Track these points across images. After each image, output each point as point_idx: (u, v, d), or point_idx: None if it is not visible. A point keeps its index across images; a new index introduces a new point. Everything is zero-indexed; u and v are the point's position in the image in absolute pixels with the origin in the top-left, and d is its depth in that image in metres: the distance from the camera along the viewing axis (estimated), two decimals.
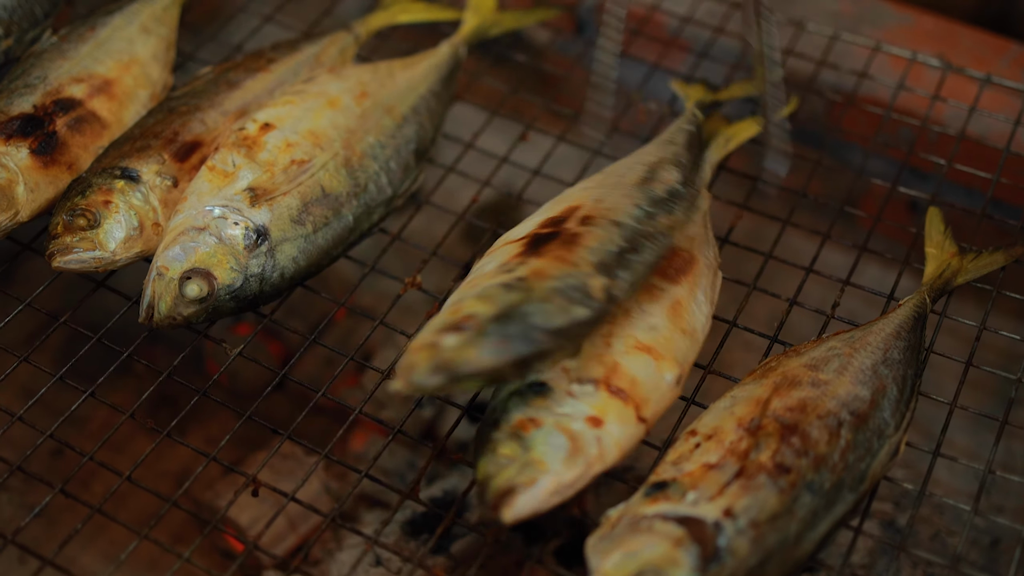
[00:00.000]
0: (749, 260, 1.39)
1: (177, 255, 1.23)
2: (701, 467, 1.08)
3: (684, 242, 1.26)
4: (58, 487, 1.16)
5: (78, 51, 1.43)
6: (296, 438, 1.21)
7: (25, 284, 1.65)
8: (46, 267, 1.36)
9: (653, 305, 1.18)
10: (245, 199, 1.26)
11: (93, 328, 1.29)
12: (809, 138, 1.62)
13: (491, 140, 1.54)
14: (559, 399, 1.09)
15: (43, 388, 1.26)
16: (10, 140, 1.31)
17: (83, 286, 1.33)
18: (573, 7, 1.81)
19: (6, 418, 1.22)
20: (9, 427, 1.21)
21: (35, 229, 1.37)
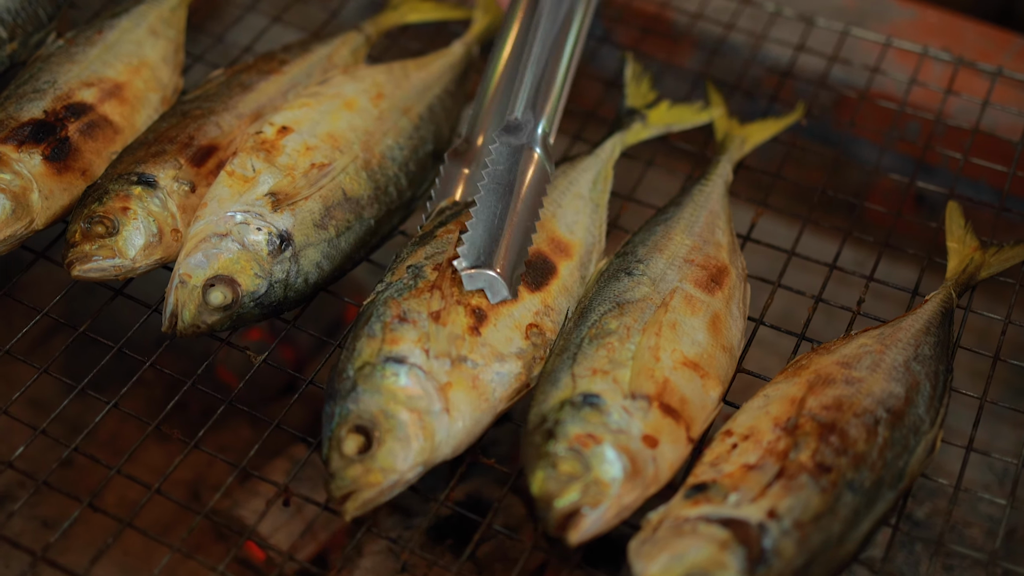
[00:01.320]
0: (753, 254, 1.38)
1: (200, 262, 1.21)
2: (740, 468, 1.07)
3: (713, 249, 1.26)
4: (86, 501, 1.14)
5: (87, 55, 1.41)
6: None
7: (29, 290, 1.62)
8: (52, 273, 1.33)
9: (695, 319, 1.18)
10: (267, 204, 1.24)
11: (100, 334, 1.27)
12: (820, 134, 1.63)
13: None
14: (614, 414, 1.08)
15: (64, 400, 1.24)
16: (22, 147, 1.28)
17: (86, 290, 1.30)
18: None
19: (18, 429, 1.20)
20: (32, 440, 1.18)
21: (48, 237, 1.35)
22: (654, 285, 1.21)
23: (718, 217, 1.31)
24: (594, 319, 1.18)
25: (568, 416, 1.09)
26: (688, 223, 1.29)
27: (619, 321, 1.17)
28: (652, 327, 1.16)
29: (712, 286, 1.22)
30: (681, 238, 1.26)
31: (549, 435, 1.08)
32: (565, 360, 1.15)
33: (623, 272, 1.23)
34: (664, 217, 1.31)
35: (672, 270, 1.22)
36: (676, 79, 1.63)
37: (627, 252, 1.27)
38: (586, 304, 1.21)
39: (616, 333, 1.15)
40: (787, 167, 1.48)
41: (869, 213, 1.53)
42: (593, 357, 1.14)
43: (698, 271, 1.23)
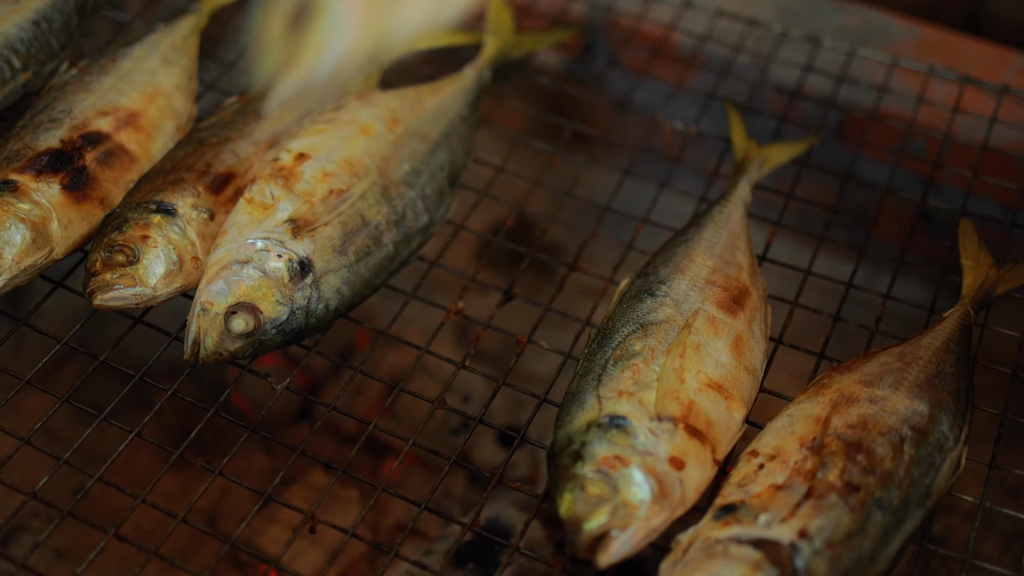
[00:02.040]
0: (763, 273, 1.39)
1: (221, 289, 1.21)
2: (769, 488, 1.07)
3: (734, 271, 1.26)
4: (111, 532, 1.13)
5: (101, 84, 1.41)
6: (351, 472, 1.19)
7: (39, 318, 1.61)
8: (63, 300, 1.33)
9: (718, 340, 1.18)
10: (287, 231, 1.24)
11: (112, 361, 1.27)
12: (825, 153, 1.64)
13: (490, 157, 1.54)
14: (640, 436, 1.08)
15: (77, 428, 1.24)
16: (40, 176, 1.28)
17: (97, 317, 1.29)
18: (582, 27, 1.81)
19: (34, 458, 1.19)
20: (55, 471, 1.18)
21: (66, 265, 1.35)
22: (677, 306, 1.21)
23: (738, 238, 1.32)
24: (618, 340, 1.18)
25: (595, 438, 1.09)
26: (709, 244, 1.29)
27: (643, 343, 1.17)
28: (676, 349, 1.16)
29: (734, 307, 1.23)
30: (703, 259, 1.27)
31: (576, 457, 1.08)
32: (590, 381, 1.15)
33: (646, 293, 1.23)
34: (685, 238, 1.31)
35: (694, 291, 1.23)
36: (685, 102, 1.64)
37: (648, 273, 1.27)
38: (609, 325, 1.22)
39: (641, 355, 1.16)
40: (793, 186, 1.49)
41: (876, 231, 1.55)
42: (618, 379, 1.14)
43: (720, 292, 1.24)
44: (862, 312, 1.40)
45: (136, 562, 1.53)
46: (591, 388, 1.14)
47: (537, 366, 1.80)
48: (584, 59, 1.84)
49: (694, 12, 1.74)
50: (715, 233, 1.31)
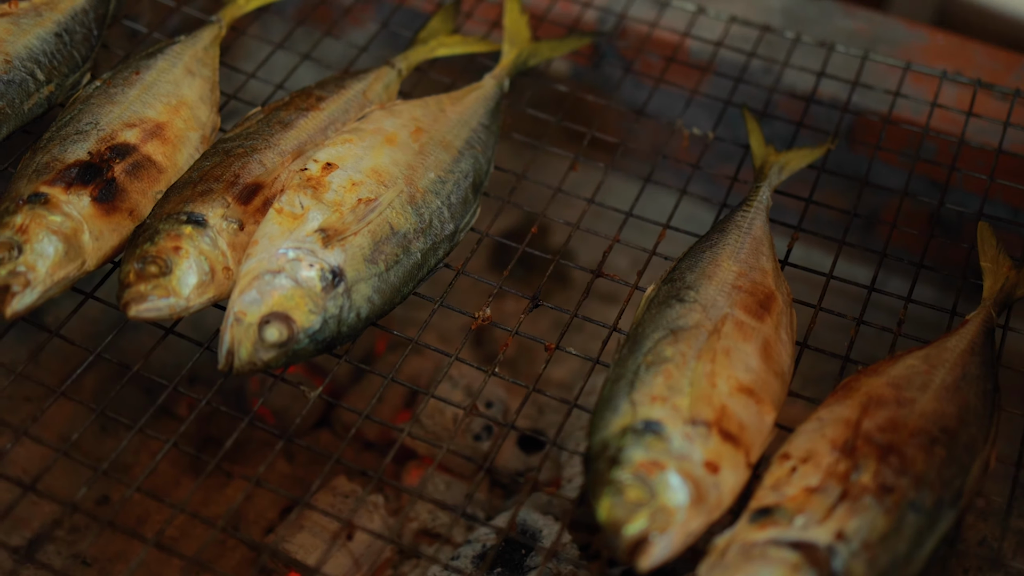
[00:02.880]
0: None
1: (254, 299, 1.22)
2: (803, 491, 1.09)
3: (759, 275, 1.28)
4: (152, 541, 1.14)
5: (126, 96, 1.42)
6: (386, 480, 1.20)
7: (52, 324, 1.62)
8: (83, 310, 1.33)
9: (747, 345, 1.20)
10: (317, 240, 1.25)
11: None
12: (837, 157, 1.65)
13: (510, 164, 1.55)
14: (675, 441, 1.10)
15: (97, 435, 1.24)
16: (71, 188, 1.29)
17: (116, 326, 1.30)
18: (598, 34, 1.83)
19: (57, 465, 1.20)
20: (94, 480, 1.18)
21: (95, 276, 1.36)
22: (705, 312, 1.23)
23: (761, 243, 1.33)
24: (649, 346, 1.20)
25: (631, 443, 1.11)
26: (734, 249, 1.31)
27: (674, 348, 1.19)
28: (707, 354, 1.18)
29: (761, 312, 1.24)
30: (728, 264, 1.29)
31: (613, 462, 1.10)
32: (622, 386, 1.17)
33: (674, 299, 1.25)
34: (709, 244, 1.33)
35: (722, 296, 1.25)
36: (702, 109, 1.66)
37: (675, 279, 1.29)
38: (639, 330, 1.23)
39: (672, 360, 1.17)
40: (804, 190, 1.51)
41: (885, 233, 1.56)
42: (651, 384, 1.16)
43: (747, 297, 1.25)
44: (880, 315, 1.41)
45: (161, 570, 1.54)
46: (624, 393, 1.16)
47: (553, 370, 1.81)
48: (597, 66, 1.85)
49: (706, 19, 1.76)
50: (739, 239, 1.33)
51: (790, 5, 1.91)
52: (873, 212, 1.76)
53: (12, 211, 1.26)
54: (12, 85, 1.42)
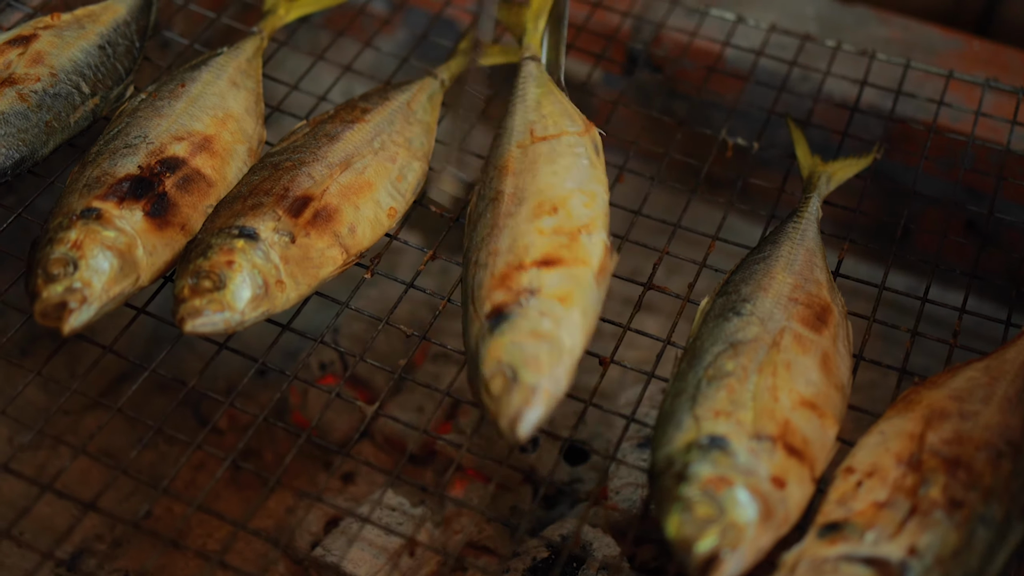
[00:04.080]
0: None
1: None
2: (871, 506, 1.08)
3: (814, 287, 1.28)
4: (216, 558, 1.13)
5: (173, 108, 1.41)
6: (447, 496, 1.20)
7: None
8: (113, 320, 1.32)
9: (807, 358, 1.19)
10: None
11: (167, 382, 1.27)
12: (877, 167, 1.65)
13: None
14: (741, 456, 1.10)
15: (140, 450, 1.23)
16: (123, 203, 1.28)
17: (147, 337, 1.28)
18: (624, 42, 1.82)
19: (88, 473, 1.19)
20: (156, 498, 1.18)
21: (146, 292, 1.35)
22: (763, 325, 1.22)
23: (814, 255, 1.33)
24: (709, 360, 1.19)
25: (697, 458, 1.10)
26: (787, 261, 1.30)
27: (735, 362, 1.18)
28: (768, 367, 1.17)
29: (819, 325, 1.24)
30: (783, 276, 1.28)
31: (680, 478, 1.09)
32: (684, 401, 1.16)
33: (731, 312, 1.24)
34: (762, 255, 1.32)
35: (779, 309, 1.24)
36: (745, 119, 1.66)
37: (730, 291, 1.28)
38: (698, 344, 1.22)
39: (734, 374, 1.17)
40: (844, 199, 1.50)
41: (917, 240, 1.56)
42: (714, 398, 1.15)
43: (804, 310, 1.25)
44: (926, 326, 1.41)
45: None
46: (686, 408, 1.15)
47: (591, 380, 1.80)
48: (629, 74, 1.85)
49: (744, 28, 1.76)
50: (792, 250, 1.32)
51: (825, 13, 1.91)
52: (912, 221, 1.75)
53: (66, 226, 1.25)
54: (59, 98, 1.41)
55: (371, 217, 1.35)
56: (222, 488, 1.69)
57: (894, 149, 1.69)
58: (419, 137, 1.47)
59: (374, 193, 1.37)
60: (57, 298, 1.20)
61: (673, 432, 1.14)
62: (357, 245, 1.33)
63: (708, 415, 1.14)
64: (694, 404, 1.15)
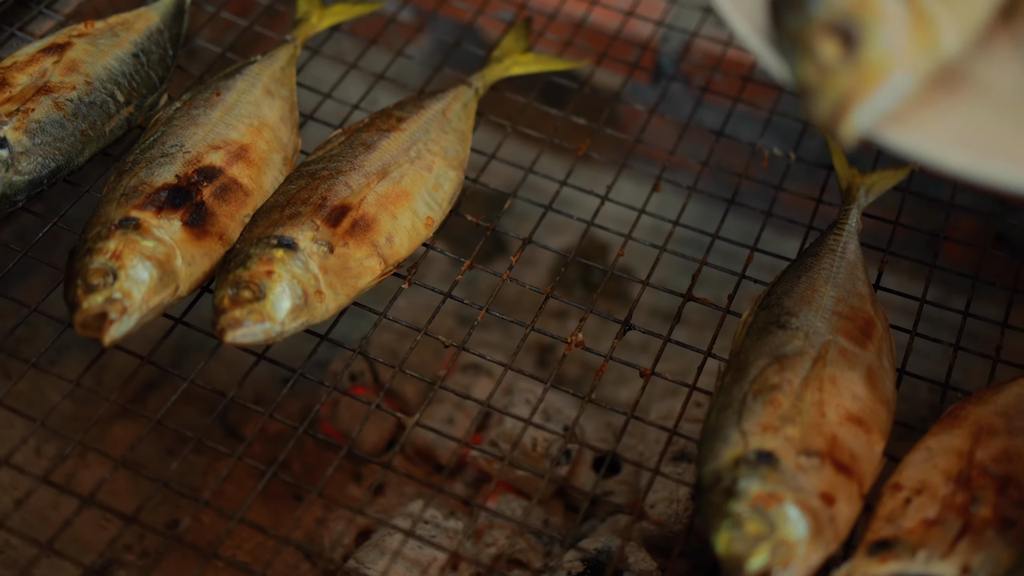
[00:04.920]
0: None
1: None
2: (921, 523, 1.07)
3: (857, 300, 1.27)
4: (260, 573, 1.12)
5: (209, 117, 1.40)
6: (491, 512, 1.19)
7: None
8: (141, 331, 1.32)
9: (852, 372, 1.18)
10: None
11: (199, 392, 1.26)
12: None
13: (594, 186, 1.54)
14: (790, 472, 1.09)
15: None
16: (161, 213, 1.27)
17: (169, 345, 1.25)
18: (653, 52, 1.81)
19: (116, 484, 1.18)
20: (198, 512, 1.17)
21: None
22: (807, 338, 1.21)
23: (856, 267, 1.32)
24: (754, 374, 1.18)
25: (745, 474, 1.09)
26: (829, 274, 1.29)
27: (781, 376, 1.17)
28: (814, 382, 1.16)
29: (863, 338, 1.23)
30: (825, 289, 1.27)
31: (728, 494, 1.08)
32: (730, 415, 1.15)
33: (774, 325, 1.23)
34: (803, 268, 1.31)
35: (822, 323, 1.23)
36: (781, 130, 1.65)
37: (773, 304, 1.27)
38: (742, 358, 1.21)
39: (780, 388, 1.16)
40: (899, 213, 1.49)
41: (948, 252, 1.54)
42: (760, 413, 1.14)
43: (847, 323, 1.24)
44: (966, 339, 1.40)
45: None
46: (732, 423, 1.14)
47: (619, 390, 1.80)
48: (656, 83, 1.84)
49: None
50: (834, 263, 1.31)
51: None
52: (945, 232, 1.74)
53: (105, 236, 1.24)
54: (94, 107, 1.40)
55: (408, 226, 1.34)
56: (248, 496, 1.68)
57: None
58: (455, 146, 1.46)
59: (411, 202, 1.36)
60: (97, 308, 1.19)
61: (720, 447, 1.13)
62: (395, 255, 1.32)
63: (755, 430, 1.12)
64: (740, 418, 1.14)
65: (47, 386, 1.73)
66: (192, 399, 1.80)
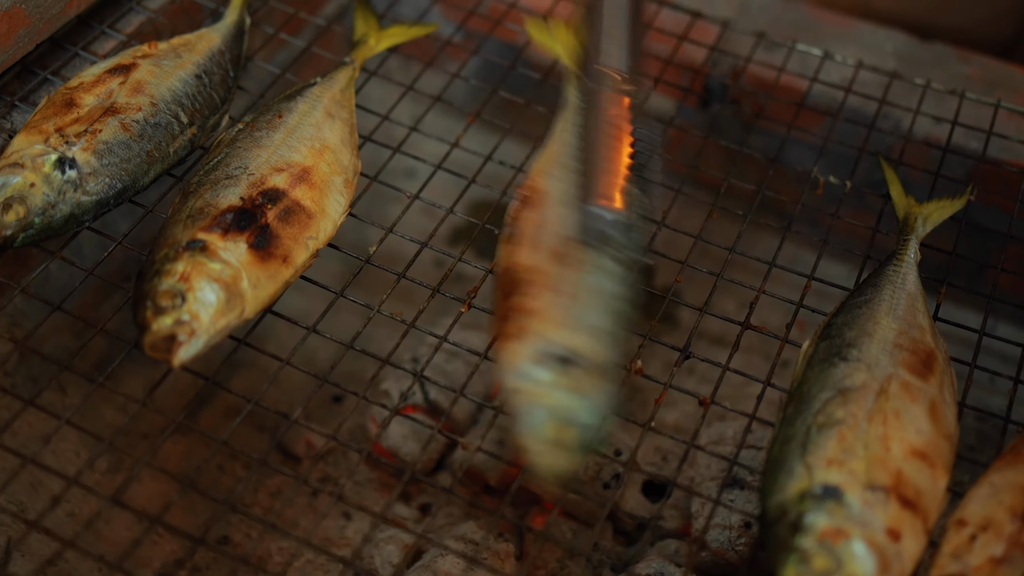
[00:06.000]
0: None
1: None
2: (988, 561, 1.07)
3: (918, 333, 1.27)
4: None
5: (271, 139, 1.42)
6: (552, 538, 1.19)
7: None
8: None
9: (915, 406, 1.18)
10: None
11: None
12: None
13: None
14: (856, 507, 1.09)
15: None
16: (227, 235, 1.29)
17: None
18: (704, 75, 1.82)
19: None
20: (266, 531, 1.18)
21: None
22: (870, 371, 1.21)
23: (916, 299, 1.32)
24: (818, 407, 1.18)
25: (811, 508, 1.09)
26: (890, 306, 1.30)
27: (845, 409, 1.17)
28: (878, 415, 1.16)
29: (925, 372, 1.23)
30: (887, 321, 1.27)
31: (795, 528, 1.09)
32: (794, 448, 1.16)
33: (836, 357, 1.24)
34: (864, 299, 1.32)
35: (885, 356, 1.23)
36: (834, 158, 1.65)
37: (833, 335, 1.27)
38: (804, 390, 1.22)
39: (844, 422, 1.16)
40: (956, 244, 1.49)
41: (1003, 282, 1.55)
42: (825, 446, 1.14)
43: (909, 356, 1.24)
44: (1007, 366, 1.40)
45: None
46: (797, 456, 1.15)
47: (666, 414, 1.80)
48: (705, 107, 1.85)
49: (832, 64, 1.75)
50: (894, 294, 1.32)
51: (904, 49, 1.90)
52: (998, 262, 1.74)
53: (172, 258, 1.25)
54: (159, 128, 1.42)
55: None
56: (299, 514, 1.70)
57: (984, 190, 1.68)
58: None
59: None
60: (167, 330, 1.20)
61: (784, 480, 1.13)
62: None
63: (820, 464, 1.13)
64: (804, 452, 1.14)
65: (99, 399, 1.75)
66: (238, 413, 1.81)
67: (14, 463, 1.50)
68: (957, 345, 1.43)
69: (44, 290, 1.59)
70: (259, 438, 1.77)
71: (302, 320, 1.34)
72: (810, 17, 1.87)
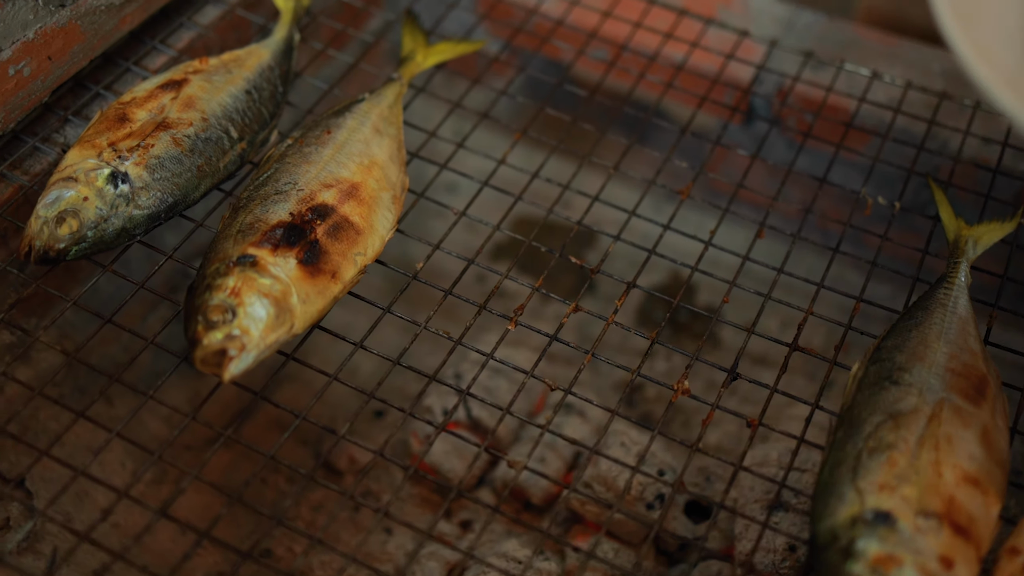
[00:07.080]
0: None
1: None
2: None
3: (970, 357, 1.25)
4: None
5: (320, 155, 1.42)
6: (599, 557, 1.19)
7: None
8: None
9: (967, 432, 1.17)
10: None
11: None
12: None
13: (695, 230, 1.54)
14: (908, 533, 1.08)
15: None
16: (277, 250, 1.29)
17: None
18: (747, 92, 1.81)
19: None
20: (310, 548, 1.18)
21: None
22: (922, 395, 1.20)
23: (967, 323, 1.31)
24: (868, 430, 1.17)
25: (863, 534, 1.08)
26: (940, 329, 1.28)
27: (896, 434, 1.16)
28: (930, 440, 1.15)
29: (977, 397, 1.22)
30: (938, 345, 1.26)
31: (846, 554, 1.08)
32: (845, 472, 1.15)
33: (887, 381, 1.22)
34: (914, 322, 1.30)
35: (935, 379, 1.22)
36: (882, 178, 1.64)
37: (884, 359, 1.26)
38: (855, 413, 1.21)
39: (896, 447, 1.15)
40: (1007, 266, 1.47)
41: None
42: (876, 471, 1.13)
43: (961, 381, 1.22)
44: None
45: None
46: (847, 480, 1.14)
47: (708, 433, 1.79)
48: (748, 125, 1.84)
49: (879, 84, 1.74)
50: (945, 318, 1.30)
51: (952, 69, 1.88)
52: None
53: (223, 273, 1.26)
54: (210, 143, 1.43)
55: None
56: (341, 528, 1.70)
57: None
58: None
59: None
60: (217, 345, 1.21)
61: (835, 504, 1.12)
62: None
63: (871, 489, 1.12)
64: (855, 476, 1.13)
65: (144, 410, 1.76)
66: (282, 426, 1.82)
67: (62, 473, 1.52)
68: (1008, 369, 1.42)
69: (91, 301, 1.61)
70: (301, 451, 1.78)
71: (346, 335, 1.35)
72: (855, 36, 1.86)
